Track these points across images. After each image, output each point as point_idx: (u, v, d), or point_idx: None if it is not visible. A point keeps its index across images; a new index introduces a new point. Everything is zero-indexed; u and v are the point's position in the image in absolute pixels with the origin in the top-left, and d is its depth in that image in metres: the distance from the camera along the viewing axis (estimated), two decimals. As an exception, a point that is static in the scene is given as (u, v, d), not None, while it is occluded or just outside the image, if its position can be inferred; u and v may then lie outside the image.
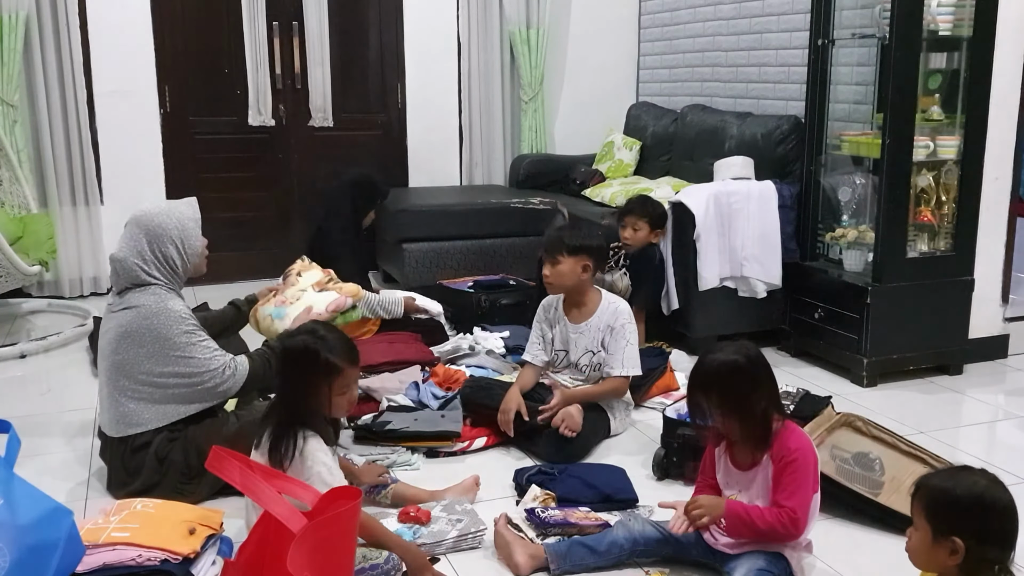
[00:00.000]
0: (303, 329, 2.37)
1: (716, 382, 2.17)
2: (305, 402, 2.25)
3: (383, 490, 2.64)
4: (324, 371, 2.24)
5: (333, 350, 2.26)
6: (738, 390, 2.16)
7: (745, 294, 4.07)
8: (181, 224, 2.74)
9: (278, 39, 5.44)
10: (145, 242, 2.70)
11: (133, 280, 2.69)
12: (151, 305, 2.65)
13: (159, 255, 2.70)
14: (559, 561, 2.33)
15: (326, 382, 2.25)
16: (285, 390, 2.30)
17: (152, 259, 2.70)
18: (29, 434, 3.12)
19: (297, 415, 2.23)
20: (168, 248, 2.71)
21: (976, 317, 3.90)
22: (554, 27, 5.86)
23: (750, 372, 2.17)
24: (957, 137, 3.75)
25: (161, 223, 2.72)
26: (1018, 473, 2.95)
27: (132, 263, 2.68)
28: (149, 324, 2.63)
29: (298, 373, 2.26)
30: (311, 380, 2.24)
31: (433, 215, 5.03)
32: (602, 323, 3.19)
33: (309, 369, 2.24)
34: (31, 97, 4.96)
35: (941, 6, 3.62)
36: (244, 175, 5.56)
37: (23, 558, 1.98)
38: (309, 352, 2.25)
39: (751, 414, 2.16)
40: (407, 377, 3.48)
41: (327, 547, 1.85)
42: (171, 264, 2.72)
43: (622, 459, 2.97)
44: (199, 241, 2.79)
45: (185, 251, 2.74)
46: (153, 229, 2.71)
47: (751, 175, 4.21)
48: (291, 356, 2.29)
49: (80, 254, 5.18)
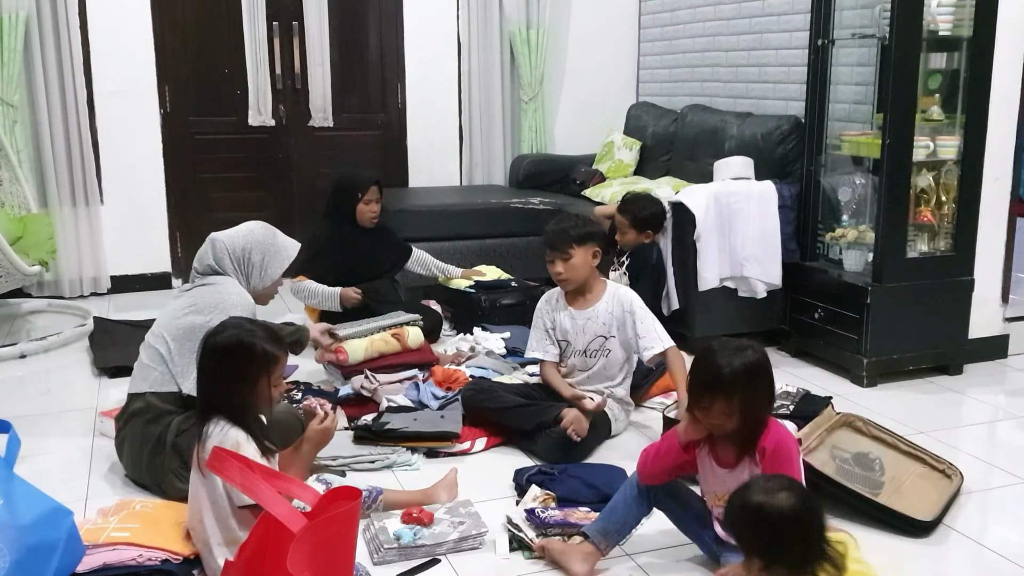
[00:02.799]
0: (228, 324, 2.29)
1: (742, 384, 2.11)
2: (241, 400, 2.19)
3: (375, 500, 2.62)
4: (262, 362, 2.20)
5: (267, 340, 2.23)
6: (758, 391, 2.14)
7: (745, 294, 4.08)
8: (278, 250, 3.01)
9: (278, 39, 5.44)
10: (243, 239, 2.94)
11: (215, 262, 2.88)
12: (229, 286, 2.84)
13: (246, 256, 2.93)
14: (608, 539, 2.32)
15: (265, 373, 2.21)
16: (217, 390, 2.20)
17: (239, 254, 2.91)
18: (29, 434, 3.11)
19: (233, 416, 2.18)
20: (256, 256, 2.94)
21: (976, 317, 3.90)
22: (554, 27, 5.86)
23: (768, 373, 2.16)
24: (957, 137, 3.75)
25: (265, 237, 2.99)
26: (1018, 473, 2.96)
27: (224, 246, 2.90)
28: (221, 298, 2.77)
29: (233, 369, 2.19)
30: (248, 374, 2.19)
31: (433, 215, 5.03)
32: (611, 308, 3.17)
33: (246, 363, 2.19)
34: (31, 97, 4.96)
35: (941, 6, 3.62)
36: (244, 175, 5.56)
37: (23, 558, 1.98)
38: (244, 345, 2.20)
39: (756, 414, 2.16)
40: (407, 378, 3.49)
41: (327, 547, 1.85)
42: (247, 269, 2.93)
43: (622, 459, 2.96)
44: (278, 272, 3.01)
45: (264, 269, 2.96)
46: (257, 235, 2.97)
47: (751, 175, 4.21)
48: (224, 351, 2.20)
49: (80, 254, 5.18)
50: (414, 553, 2.40)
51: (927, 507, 2.62)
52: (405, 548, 2.39)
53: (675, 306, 4.09)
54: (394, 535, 2.42)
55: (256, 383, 2.21)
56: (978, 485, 2.87)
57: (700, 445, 2.27)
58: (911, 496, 2.67)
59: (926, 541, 2.54)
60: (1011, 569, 2.40)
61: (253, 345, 2.21)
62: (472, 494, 2.72)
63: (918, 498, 2.67)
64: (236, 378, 2.20)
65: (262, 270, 2.96)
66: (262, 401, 2.25)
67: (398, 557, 2.39)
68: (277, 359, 2.24)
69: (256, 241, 2.95)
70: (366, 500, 2.57)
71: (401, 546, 2.39)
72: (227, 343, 2.22)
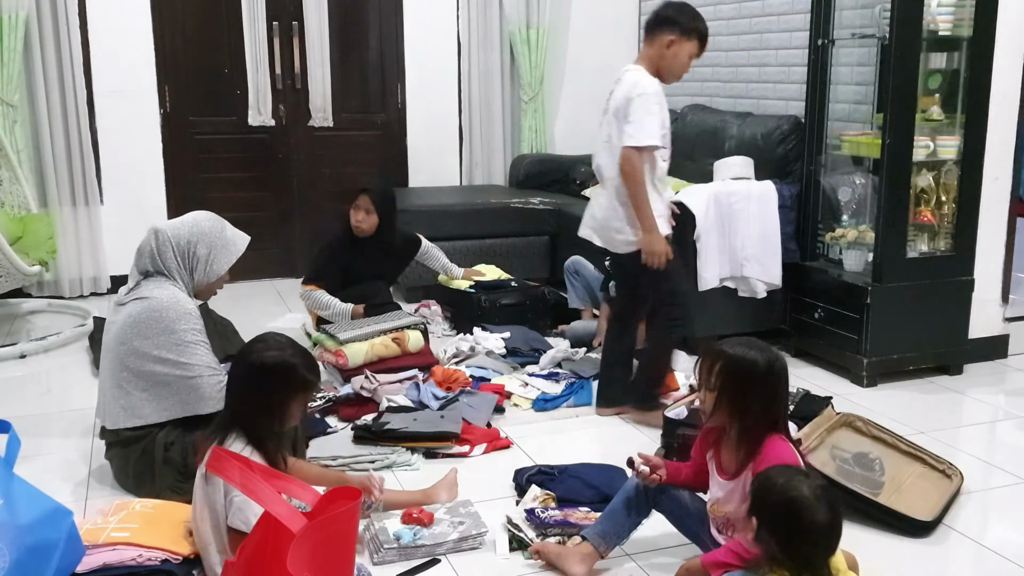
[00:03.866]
0: (270, 344, 2.25)
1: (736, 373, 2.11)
2: (268, 420, 2.18)
3: (372, 504, 2.61)
4: (300, 387, 2.20)
5: (305, 366, 2.22)
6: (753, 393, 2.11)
7: (745, 294, 4.08)
8: (225, 244, 2.84)
9: (278, 39, 5.44)
10: (188, 230, 2.79)
11: (158, 257, 2.74)
12: (164, 297, 2.69)
13: (191, 249, 2.77)
14: (607, 541, 2.32)
15: (300, 399, 2.21)
16: (248, 404, 2.19)
17: (184, 246, 2.76)
18: (29, 434, 3.11)
19: (254, 435, 2.17)
20: (201, 250, 2.78)
21: (976, 317, 3.90)
22: (554, 27, 5.86)
23: (766, 382, 2.12)
24: (957, 137, 3.75)
25: (213, 229, 2.82)
26: (1018, 473, 2.96)
27: (167, 237, 2.75)
28: (159, 315, 2.66)
29: (269, 388, 2.17)
30: (283, 396, 2.18)
31: (433, 215, 5.03)
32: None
33: (283, 385, 2.18)
34: (31, 97, 4.96)
35: (941, 6, 3.62)
36: (244, 175, 5.56)
37: (23, 558, 1.98)
38: (286, 367, 2.18)
39: (750, 417, 2.13)
40: (407, 378, 3.49)
41: (327, 547, 1.85)
42: (191, 263, 2.78)
43: (622, 459, 2.95)
44: (224, 267, 2.85)
45: (210, 264, 2.81)
46: (204, 227, 2.81)
47: (751, 175, 4.21)
48: (263, 372, 2.18)
49: (80, 254, 5.18)
50: (414, 553, 2.40)
51: (927, 507, 2.63)
52: (405, 548, 2.39)
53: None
54: (394, 535, 2.42)
55: (286, 405, 2.20)
56: (978, 485, 2.87)
57: (709, 449, 2.27)
58: (911, 496, 2.67)
59: (926, 541, 2.54)
60: (1011, 569, 2.40)
61: (295, 368, 2.19)
62: (472, 494, 2.72)
63: (918, 498, 2.67)
64: (270, 397, 2.18)
65: (207, 264, 2.80)
66: (287, 422, 2.25)
67: (398, 557, 2.39)
68: (313, 387, 2.26)
69: (202, 233, 2.79)
70: (366, 500, 2.57)
71: (401, 546, 2.39)
72: (266, 363, 2.19)
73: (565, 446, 3.16)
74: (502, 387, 3.57)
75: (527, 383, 3.64)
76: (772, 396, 2.13)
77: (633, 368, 3.46)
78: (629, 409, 3.40)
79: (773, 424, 2.15)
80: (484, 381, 3.63)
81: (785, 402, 2.19)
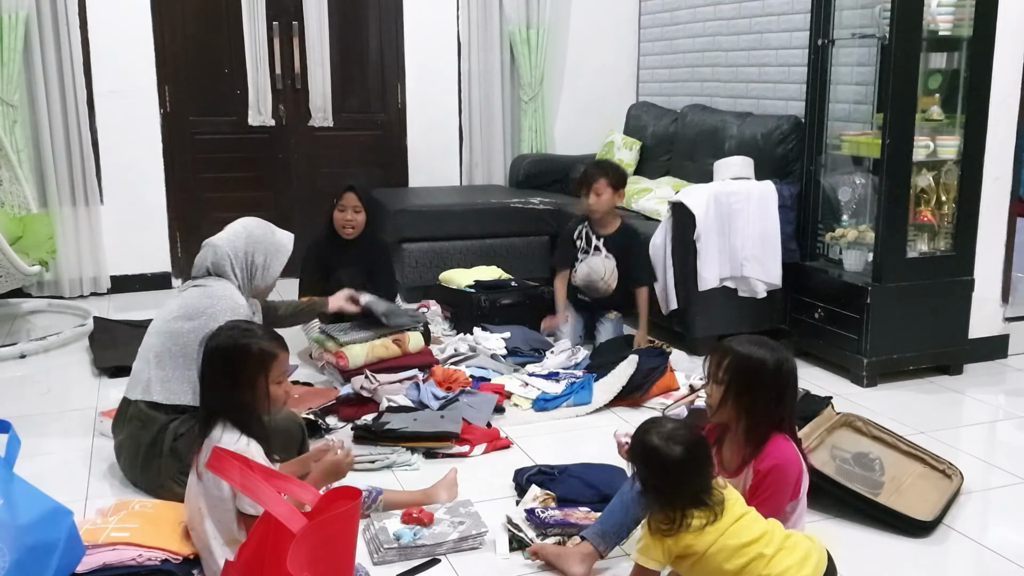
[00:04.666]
0: (223, 328, 2.31)
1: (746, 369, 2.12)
2: (243, 403, 2.19)
3: (375, 500, 2.62)
4: (259, 361, 2.20)
5: (263, 338, 2.24)
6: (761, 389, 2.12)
7: (745, 294, 4.08)
8: (277, 247, 3.01)
9: (278, 39, 5.44)
10: (244, 241, 2.93)
11: (215, 267, 2.87)
12: (219, 289, 2.80)
13: (249, 259, 2.93)
14: (606, 540, 2.31)
15: (262, 372, 2.21)
16: (217, 394, 2.21)
17: (242, 257, 2.91)
18: (29, 434, 3.12)
19: (236, 420, 2.18)
20: (259, 257, 2.95)
21: (976, 317, 3.90)
22: (554, 27, 5.86)
23: (776, 379, 2.13)
24: (957, 137, 3.75)
25: (265, 235, 2.99)
26: (1018, 473, 2.96)
27: (225, 252, 2.88)
28: (208, 303, 2.75)
29: (230, 371, 2.19)
30: (247, 375, 2.19)
31: (433, 215, 5.03)
32: None
33: (243, 364, 2.19)
34: (31, 97, 4.96)
35: (941, 6, 3.62)
36: (244, 175, 5.56)
37: (23, 558, 1.97)
38: (239, 346, 2.20)
39: (756, 415, 2.13)
40: (407, 378, 3.49)
41: (327, 547, 1.85)
42: (251, 269, 2.94)
43: (622, 459, 2.96)
44: (279, 269, 3.02)
45: (267, 267, 2.97)
46: (256, 235, 2.97)
47: (751, 175, 4.21)
48: (220, 354, 2.21)
49: (80, 254, 5.18)
50: (414, 553, 2.40)
51: (927, 507, 2.63)
52: (405, 548, 2.39)
53: (673, 306, 4.09)
54: (394, 535, 2.42)
55: (255, 383, 2.21)
56: (978, 485, 2.87)
57: (712, 447, 2.27)
58: (911, 496, 2.67)
59: (926, 541, 2.54)
60: (1011, 569, 2.40)
61: (248, 346, 2.21)
62: (472, 494, 2.72)
63: (918, 498, 2.67)
64: (235, 380, 2.19)
65: (265, 270, 2.97)
66: (264, 401, 2.24)
67: (398, 557, 2.39)
68: (275, 356, 2.24)
69: (257, 242, 2.95)
70: (366, 500, 2.57)
71: (401, 546, 2.39)
72: (222, 346, 2.22)
73: (565, 446, 3.16)
74: (502, 387, 3.57)
75: (527, 383, 3.64)
76: (779, 396, 2.14)
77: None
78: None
79: (778, 423, 2.15)
80: (484, 381, 3.63)
81: (792, 403, 2.19)
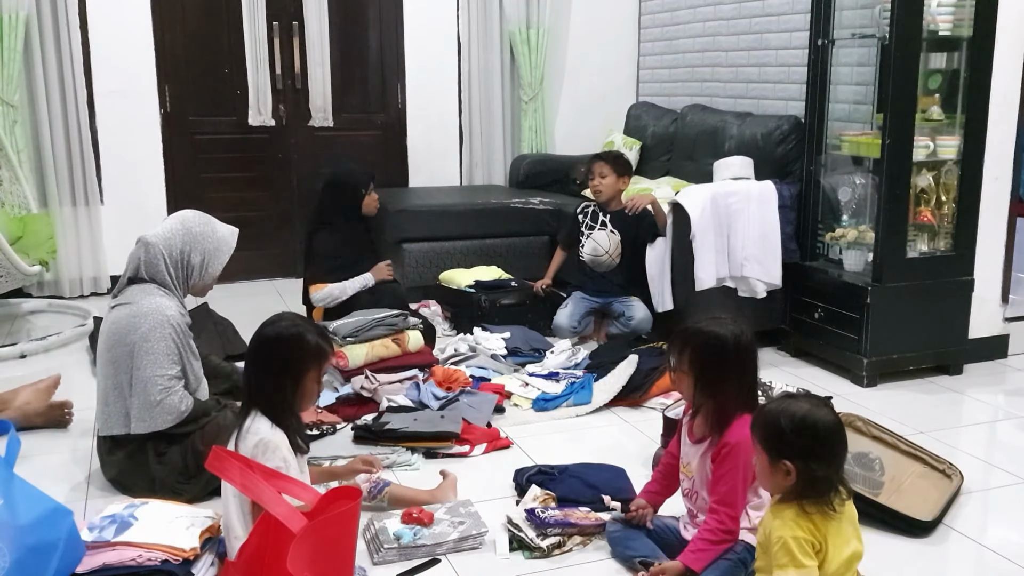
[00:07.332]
0: (282, 316, 2.31)
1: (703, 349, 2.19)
2: (283, 391, 2.20)
3: (381, 491, 2.63)
4: (314, 354, 2.22)
5: (319, 334, 2.25)
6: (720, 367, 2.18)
7: (745, 294, 4.07)
8: (217, 244, 2.82)
9: (278, 39, 5.44)
10: (180, 239, 2.76)
11: (147, 270, 2.72)
12: (144, 305, 2.67)
13: (185, 256, 2.76)
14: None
15: (313, 365, 2.22)
16: (264, 379, 2.21)
17: (177, 256, 2.75)
18: (29, 434, 3.12)
19: (272, 411, 2.19)
20: (195, 256, 2.77)
21: (976, 317, 3.90)
22: (554, 27, 5.86)
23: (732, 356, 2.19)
24: (957, 137, 3.75)
25: (204, 232, 2.80)
26: (1018, 473, 2.96)
27: (159, 251, 2.72)
28: (135, 323, 2.65)
29: (283, 359, 2.20)
30: (299, 364, 2.20)
31: (433, 215, 5.03)
32: None
33: (299, 352, 2.20)
34: (31, 97, 4.96)
35: (941, 6, 3.62)
36: (244, 175, 5.56)
37: (23, 558, 1.98)
38: (296, 336, 2.21)
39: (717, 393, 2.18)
40: (407, 378, 3.49)
41: (327, 547, 1.86)
42: (187, 270, 2.78)
43: (622, 459, 2.97)
44: (219, 268, 2.84)
45: (205, 267, 2.81)
46: (195, 232, 2.78)
47: (751, 175, 4.21)
48: (276, 343, 2.21)
49: (80, 254, 5.18)
50: (414, 553, 2.40)
51: (927, 507, 2.63)
52: (405, 548, 2.39)
53: (668, 306, 4.08)
54: (394, 535, 2.42)
55: (301, 374, 2.21)
56: (978, 485, 2.87)
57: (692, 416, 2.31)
58: (911, 496, 2.67)
59: (926, 541, 2.54)
60: (1011, 569, 2.40)
61: (304, 336, 2.21)
62: (472, 494, 2.72)
63: (918, 498, 2.67)
64: (285, 367, 2.20)
65: (203, 270, 2.80)
66: (306, 397, 2.25)
67: (398, 557, 2.39)
68: (327, 354, 2.25)
69: (194, 240, 2.77)
70: (371, 490, 2.60)
71: (401, 546, 2.39)
72: (279, 333, 2.22)
73: (565, 446, 3.16)
74: (502, 387, 3.57)
75: (527, 383, 3.64)
76: (741, 370, 2.21)
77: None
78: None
79: (747, 399, 2.21)
80: (484, 381, 3.63)
81: (755, 373, 2.25)
